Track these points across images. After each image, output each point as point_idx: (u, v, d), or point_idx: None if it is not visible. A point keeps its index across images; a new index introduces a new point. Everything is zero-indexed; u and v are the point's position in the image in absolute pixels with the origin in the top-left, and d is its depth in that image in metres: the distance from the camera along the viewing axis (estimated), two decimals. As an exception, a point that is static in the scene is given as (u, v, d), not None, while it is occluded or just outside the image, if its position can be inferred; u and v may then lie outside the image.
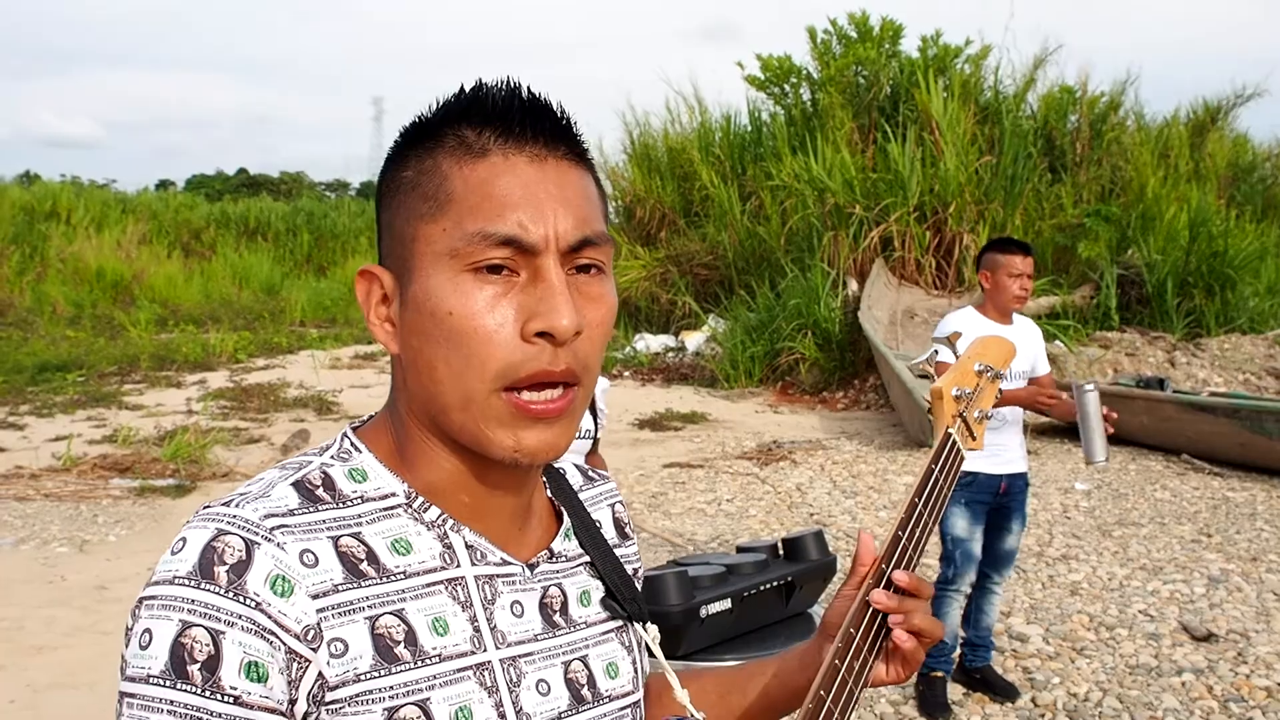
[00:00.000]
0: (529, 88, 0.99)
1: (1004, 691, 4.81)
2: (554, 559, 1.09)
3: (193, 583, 0.88)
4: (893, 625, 1.12)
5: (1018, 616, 5.79)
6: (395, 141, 1.02)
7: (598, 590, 1.13)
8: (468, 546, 1.01)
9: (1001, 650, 5.30)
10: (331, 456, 1.02)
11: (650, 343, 17.00)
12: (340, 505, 0.97)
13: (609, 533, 1.22)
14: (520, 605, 1.04)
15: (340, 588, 0.92)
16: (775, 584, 3.06)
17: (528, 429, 0.95)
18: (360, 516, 0.97)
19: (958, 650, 4.84)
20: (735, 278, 17.04)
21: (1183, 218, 14.97)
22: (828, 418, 12.51)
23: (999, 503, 4.67)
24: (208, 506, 0.94)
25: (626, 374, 15.61)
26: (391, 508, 1.00)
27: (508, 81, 0.99)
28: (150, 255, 25.94)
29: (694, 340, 16.47)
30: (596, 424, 3.78)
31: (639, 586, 1.24)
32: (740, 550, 3.33)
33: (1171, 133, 17.53)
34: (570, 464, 1.26)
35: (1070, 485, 8.79)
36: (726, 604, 2.91)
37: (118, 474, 9.29)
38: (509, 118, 0.96)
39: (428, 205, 0.96)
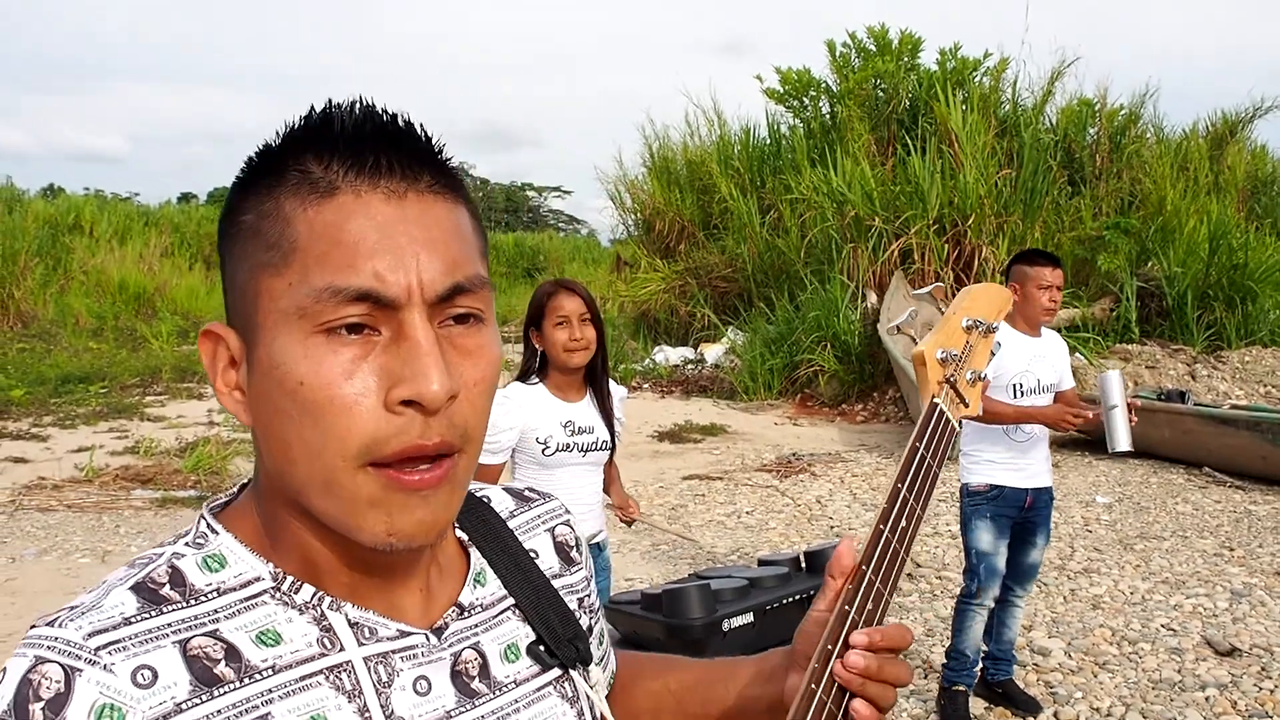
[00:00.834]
0: (384, 109, 0.84)
1: (1026, 706, 4.79)
2: (465, 614, 0.94)
3: None
4: (843, 683, 0.96)
5: (1039, 630, 5.77)
6: (237, 177, 0.86)
7: (527, 638, 0.98)
8: (351, 625, 0.86)
9: (1023, 664, 5.28)
10: (185, 544, 0.87)
11: (669, 355, 17.02)
12: (190, 603, 0.82)
13: (548, 561, 1.07)
14: (426, 680, 0.89)
15: (186, 705, 0.78)
16: (798, 597, 3.07)
17: (401, 508, 0.81)
18: (217, 611, 0.82)
19: (979, 664, 4.82)
20: (754, 290, 17.04)
21: (1203, 230, 14.90)
22: (847, 430, 12.49)
23: (1024, 517, 4.66)
24: (34, 625, 0.80)
25: (645, 386, 15.62)
26: (255, 595, 0.85)
27: (358, 103, 0.84)
28: (172, 268, 26.08)
29: (713, 352, 16.47)
30: (614, 434, 3.80)
31: (595, 616, 1.11)
32: (762, 563, 3.35)
33: (1191, 145, 17.47)
34: (499, 488, 1.11)
35: (1091, 498, 8.75)
36: (749, 618, 2.93)
37: (139, 485, 9.34)
38: (360, 146, 0.81)
39: (270, 255, 0.80)
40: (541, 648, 0.98)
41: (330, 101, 0.84)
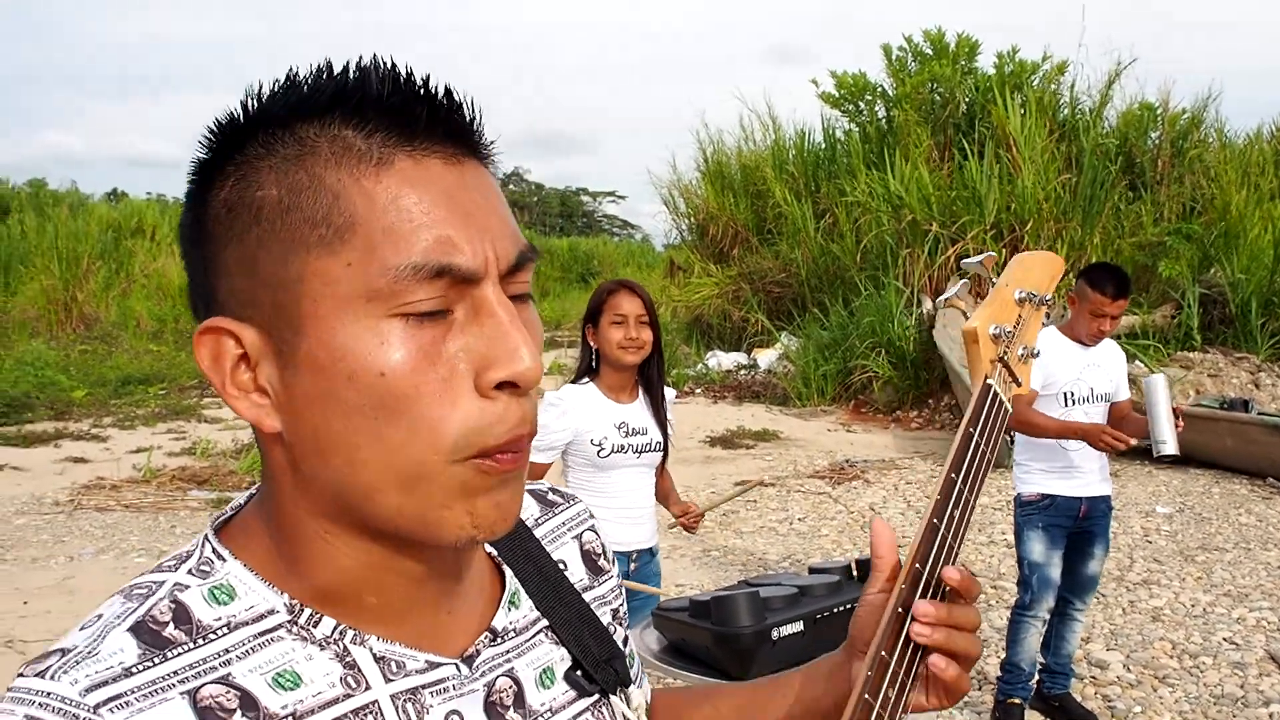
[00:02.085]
0: (409, 67, 0.76)
1: (1083, 720, 4.70)
2: (499, 639, 0.87)
3: None
4: (917, 639, 0.92)
5: (1097, 643, 5.67)
6: (207, 151, 0.76)
7: (563, 662, 0.91)
8: (377, 660, 0.79)
9: (1081, 677, 5.19)
10: (189, 572, 0.78)
11: (722, 360, 16.96)
12: (198, 643, 0.74)
13: (576, 572, 1.00)
14: (458, 715, 0.82)
15: None
16: (849, 606, 3.01)
17: (485, 495, 0.75)
18: (228, 651, 0.74)
19: (1036, 677, 4.74)
20: (808, 295, 16.94)
21: (1267, 236, 14.62)
22: (901, 437, 12.38)
23: (1080, 526, 4.57)
24: (21, 674, 0.71)
25: (698, 391, 15.58)
26: (269, 630, 0.76)
27: (384, 63, 0.75)
28: (231, 271, 26.34)
29: (766, 358, 16.40)
30: (666, 436, 3.77)
31: (622, 630, 1.03)
32: (813, 571, 3.29)
33: (1255, 150, 17.15)
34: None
35: (1152, 508, 8.60)
36: (799, 626, 2.87)
37: (195, 486, 9.43)
38: (404, 109, 0.74)
39: (318, 233, 0.72)
40: (578, 672, 0.91)
41: (329, 62, 0.75)
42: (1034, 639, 4.60)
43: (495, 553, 0.93)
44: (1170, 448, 4.29)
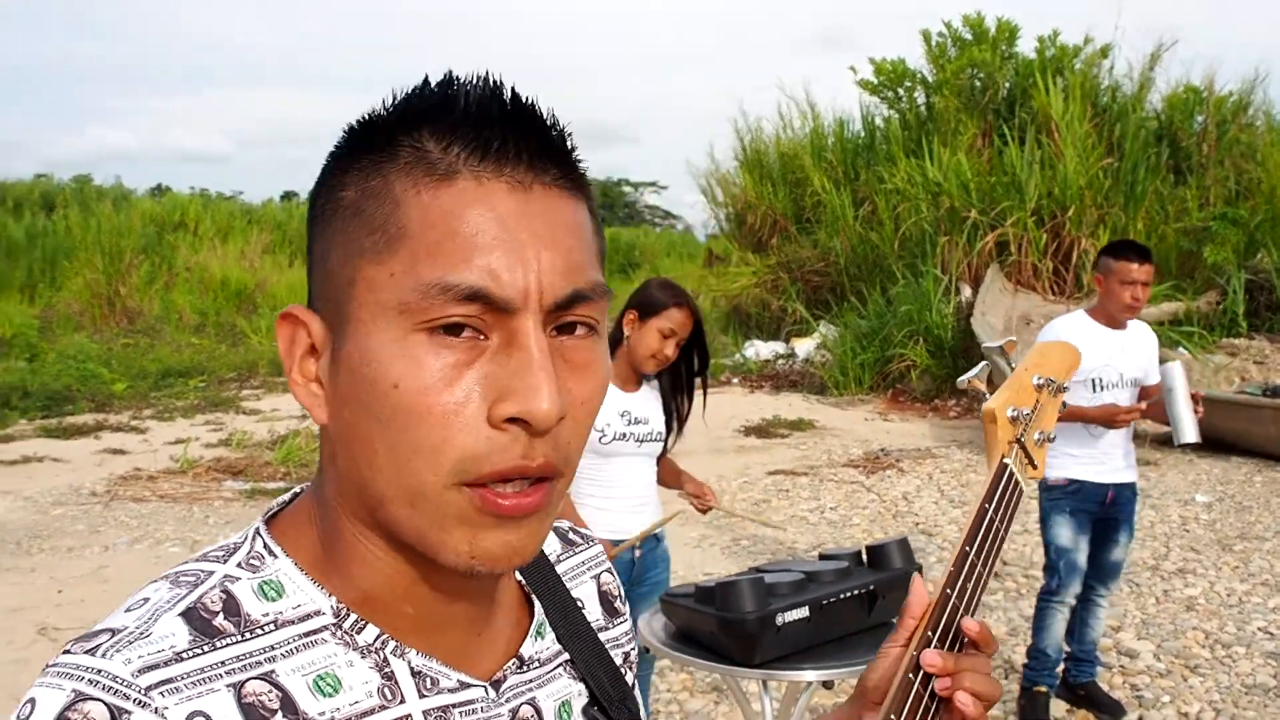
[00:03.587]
0: (513, 89, 0.75)
1: (1109, 709, 4.63)
2: (524, 668, 0.87)
3: None
4: (943, 692, 0.93)
5: (1128, 632, 5.58)
6: (336, 147, 0.78)
7: (580, 697, 0.91)
8: (414, 674, 0.79)
9: (1109, 666, 5.11)
10: (239, 565, 0.78)
11: (760, 350, 16.88)
12: (246, 636, 0.74)
13: (593, 612, 0.99)
14: None
15: None
16: (856, 592, 2.97)
17: (490, 530, 0.74)
18: (273, 648, 0.74)
19: (1061, 665, 4.67)
20: (846, 284, 16.83)
21: (1316, 220, 14.40)
22: (939, 426, 12.27)
23: (1106, 513, 4.50)
24: (68, 650, 0.71)
25: (735, 381, 15.52)
26: (314, 632, 0.76)
27: (486, 80, 0.75)
28: (273, 264, 26.51)
29: (804, 347, 16.30)
30: (670, 429, 3.73)
31: (631, 675, 1.03)
32: (823, 557, 3.25)
33: (1303, 133, 16.87)
34: None
35: (1190, 497, 8.47)
36: (804, 612, 2.83)
37: (230, 476, 9.50)
38: (486, 128, 0.73)
39: (373, 240, 0.73)
40: (595, 708, 0.91)
41: (451, 73, 0.75)
42: (1060, 625, 4.54)
43: (525, 581, 0.93)
44: (1190, 435, 4.23)
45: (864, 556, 3.17)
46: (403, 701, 0.77)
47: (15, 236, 24.91)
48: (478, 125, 0.73)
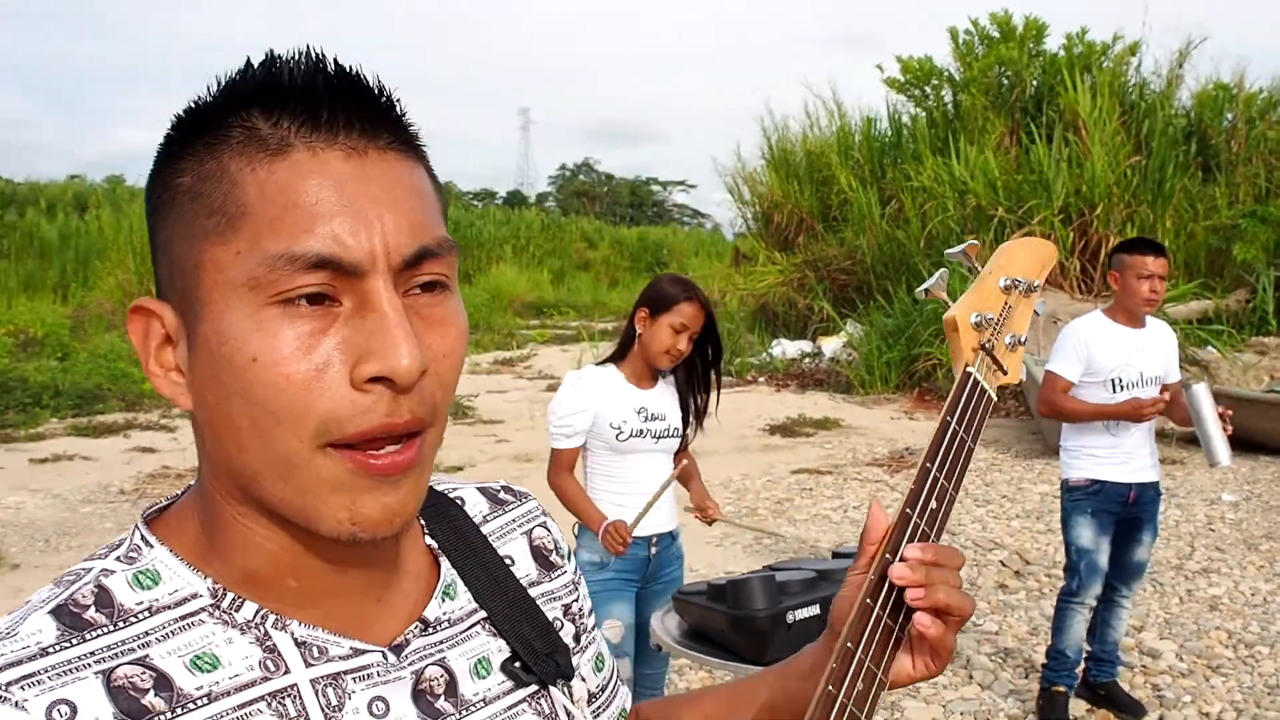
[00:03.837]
0: (335, 60, 0.76)
1: (1130, 709, 4.62)
2: (431, 629, 0.87)
3: None
4: (912, 603, 0.92)
5: (1150, 631, 5.56)
6: (166, 136, 0.78)
7: (500, 654, 0.92)
8: (299, 644, 0.79)
9: (1131, 666, 5.10)
10: (117, 559, 0.79)
11: (787, 348, 16.87)
12: (118, 626, 0.75)
13: (525, 568, 0.99)
14: (383, 702, 0.82)
15: None
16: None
17: (367, 494, 0.75)
18: (148, 634, 0.75)
19: (1081, 665, 4.66)
20: (873, 282, 16.79)
21: (1346, 218, 14.27)
22: (965, 425, 12.22)
23: (1128, 513, 4.49)
24: None
25: (761, 380, 15.52)
26: (192, 614, 0.77)
27: (308, 54, 0.76)
28: (301, 264, 26.70)
29: (830, 346, 16.28)
30: (688, 424, 3.75)
31: (574, 626, 1.03)
32: (836, 555, 3.27)
33: (1335, 129, 16.71)
34: (472, 488, 1.03)
35: (1217, 496, 8.43)
36: (815, 610, 2.85)
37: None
38: (314, 100, 0.74)
39: (214, 221, 0.73)
40: (517, 663, 0.91)
41: (271, 52, 0.76)
42: (1080, 626, 4.53)
43: (435, 544, 0.93)
44: (1224, 459, 4.23)
45: (877, 554, 3.18)
46: (287, 672, 0.78)
47: (48, 237, 25.20)
48: (305, 98, 0.74)
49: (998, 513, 8.07)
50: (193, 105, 0.77)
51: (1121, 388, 4.41)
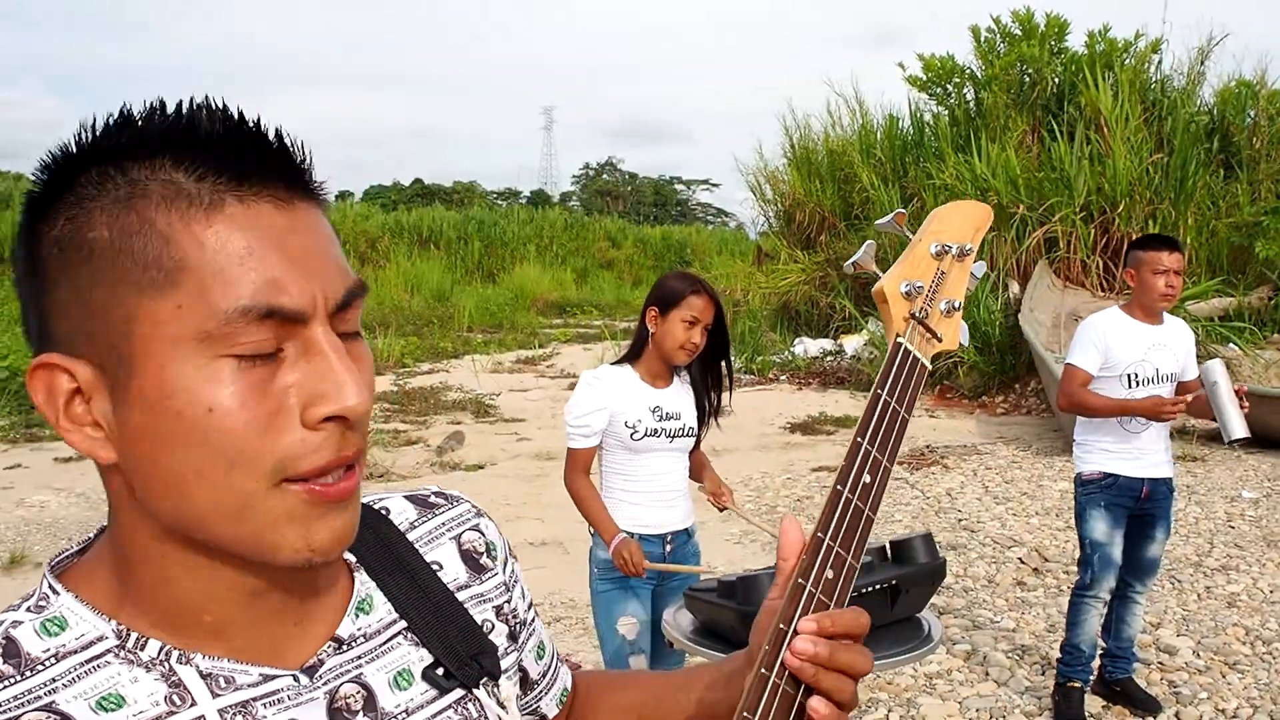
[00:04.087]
0: (239, 110, 0.78)
1: (1145, 705, 4.63)
2: (345, 647, 0.89)
3: None
4: (803, 679, 0.89)
5: (1168, 628, 5.58)
6: (40, 187, 0.78)
7: (422, 662, 0.93)
8: (204, 676, 0.81)
9: (1147, 663, 5.11)
10: (26, 609, 0.81)
11: (809, 347, 16.88)
12: (25, 675, 0.76)
13: (453, 572, 1.01)
14: None
15: None
16: (879, 587, 3.01)
17: (318, 521, 0.78)
18: (54, 680, 0.77)
19: (1096, 660, 4.68)
20: (895, 281, 16.74)
21: (1370, 215, 14.17)
22: (986, 422, 12.23)
23: (1141, 509, 4.50)
24: None
25: (783, 378, 15.54)
26: (97, 656, 0.79)
27: (209, 104, 0.77)
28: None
29: (852, 344, 16.28)
30: (703, 423, 3.79)
31: (522, 623, 1.06)
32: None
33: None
34: (399, 497, 1.05)
35: (1237, 493, 8.41)
36: (825, 606, 2.88)
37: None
38: (238, 153, 0.76)
39: (149, 276, 0.73)
40: (439, 671, 0.93)
41: (163, 100, 0.77)
42: (1094, 621, 4.54)
43: (355, 558, 0.95)
44: (1239, 431, 4.23)
45: (888, 551, 3.21)
46: (194, 704, 0.79)
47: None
48: (226, 151, 0.75)
49: (1017, 510, 8.08)
50: (67, 157, 0.77)
51: (1137, 384, 4.43)
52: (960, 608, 5.93)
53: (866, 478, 0.96)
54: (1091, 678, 4.66)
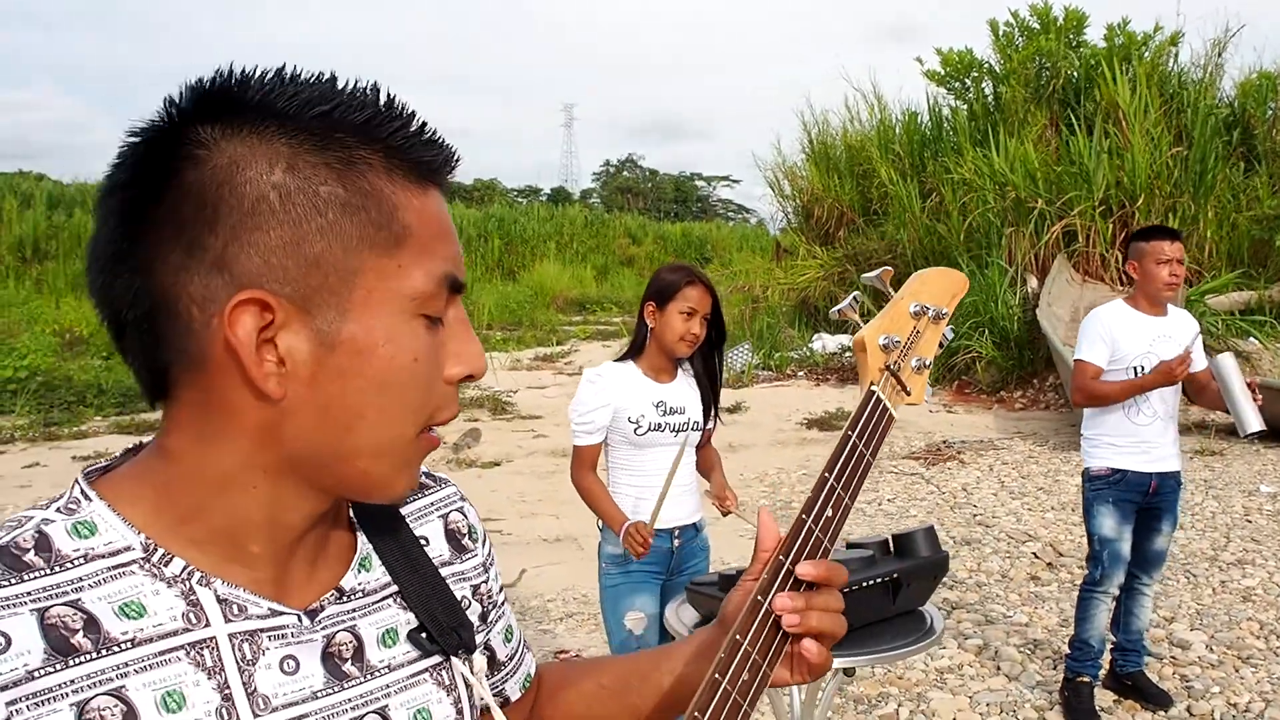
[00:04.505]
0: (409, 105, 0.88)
1: (1156, 699, 4.62)
2: (345, 598, 0.95)
3: None
4: (789, 629, 0.99)
5: (1181, 622, 5.56)
6: (278, 132, 0.82)
7: (408, 625, 0.99)
8: (220, 600, 0.86)
9: (1160, 657, 5.10)
10: (57, 510, 0.85)
11: (827, 343, 16.85)
12: (54, 569, 0.81)
13: (438, 549, 1.07)
14: (294, 660, 0.89)
15: (38, 672, 0.77)
16: (880, 580, 3.02)
17: (418, 465, 0.92)
18: (81, 579, 0.81)
19: (1106, 654, 4.67)
20: (913, 276, 16.71)
21: (1393, 207, 14.07)
22: (1004, 417, 12.20)
23: (1149, 502, 4.50)
24: None
25: (801, 374, 15.52)
26: (123, 565, 0.83)
27: (392, 102, 0.87)
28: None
29: (870, 340, 16.22)
30: (709, 416, 3.79)
31: (495, 604, 1.13)
32: (850, 546, 3.30)
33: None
34: None
35: (1255, 487, 8.37)
36: (826, 599, 2.88)
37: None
38: (435, 143, 0.88)
39: (382, 235, 0.83)
40: (423, 634, 0.99)
41: (389, 92, 0.86)
42: (1103, 615, 4.54)
43: (357, 520, 1.01)
44: (1254, 424, 4.22)
45: (890, 545, 3.21)
46: (207, 625, 0.84)
47: (97, 238, 25.42)
48: (424, 143, 0.88)
49: (1033, 505, 8.06)
50: (320, 116, 0.83)
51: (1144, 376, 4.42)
52: (973, 602, 5.93)
53: (829, 511, 1.04)
54: (1101, 672, 4.66)
